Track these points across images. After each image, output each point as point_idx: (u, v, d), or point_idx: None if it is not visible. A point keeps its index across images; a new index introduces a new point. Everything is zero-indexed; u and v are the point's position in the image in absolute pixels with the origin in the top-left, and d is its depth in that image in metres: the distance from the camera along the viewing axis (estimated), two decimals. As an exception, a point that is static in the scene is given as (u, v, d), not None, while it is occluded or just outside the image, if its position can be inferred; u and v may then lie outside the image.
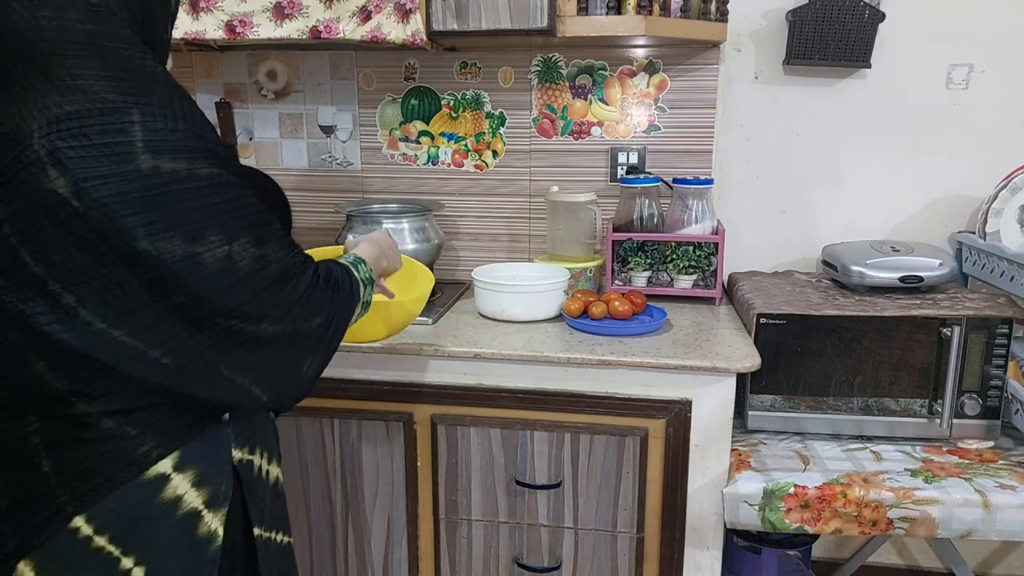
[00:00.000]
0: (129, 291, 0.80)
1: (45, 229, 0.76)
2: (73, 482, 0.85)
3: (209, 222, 0.81)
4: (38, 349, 0.80)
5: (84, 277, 0.78)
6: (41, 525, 0.85)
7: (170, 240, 0.79)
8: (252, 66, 2.01)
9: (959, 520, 1.30)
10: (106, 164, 0.76)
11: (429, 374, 1.49)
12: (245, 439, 0.97)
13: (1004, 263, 1.61)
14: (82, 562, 0.86)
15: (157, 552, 0.89)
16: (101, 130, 0.76)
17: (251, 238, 0.85)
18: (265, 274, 0.86)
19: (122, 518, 0.87)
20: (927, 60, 1.79)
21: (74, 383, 0.83)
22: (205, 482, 0.91)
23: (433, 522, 1.56)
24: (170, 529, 0.89)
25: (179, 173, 0.79)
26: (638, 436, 1.43)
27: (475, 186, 2.00)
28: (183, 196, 0.79)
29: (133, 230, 0.77)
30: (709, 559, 1.48)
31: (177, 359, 0.85)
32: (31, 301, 0.78)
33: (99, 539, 0.86)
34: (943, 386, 1.46)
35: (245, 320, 0.86)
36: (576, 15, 1.59)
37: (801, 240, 1.93)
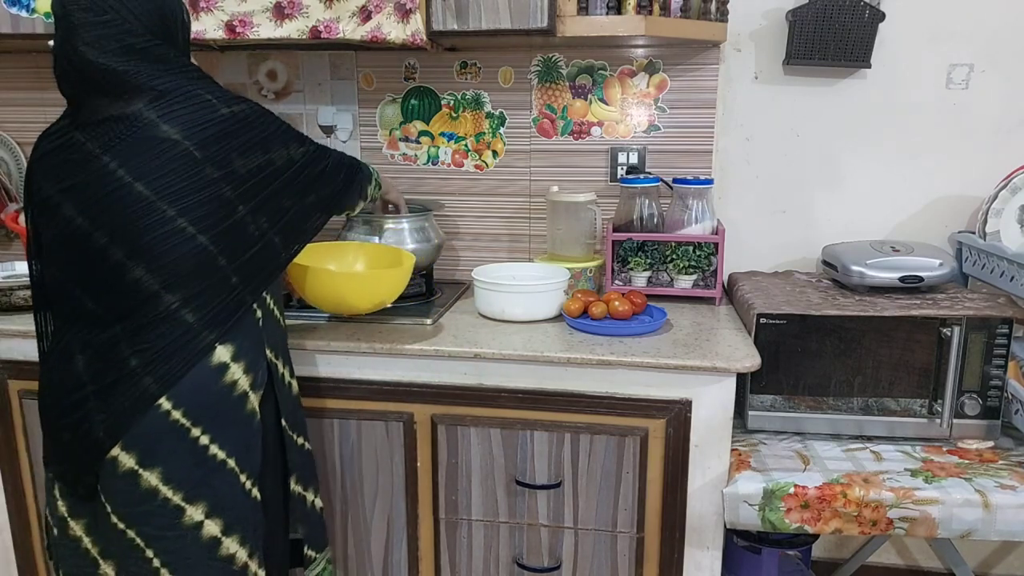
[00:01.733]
0: (221, 203, 1.12)
1: (156, 167, 1.08)
2: (158, 367, 1.12)
3: (272, 138, 1.19)
4: (138, 258, 1.10)
5: (185, 195, 1.09)
6: (130, 407, 1.12)
7: (250, 156, 1.15)
8: (252, 66, 2.01)
9: (959, 520, 1.30)
10: (202, 115, 1.12)
11: (429, 374, 1.49)
12: (272, 345, 1.26)
13: (1004, 263, 1.61)
14: (161, 434, 1.13)
15: (220, 424, 1.16)
16: (186, 98, 1.12)
17: (297, 143, 1.23)
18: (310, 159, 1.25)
19: (196, 396, 1.14)
20: (927, 60, 1.79)
21: (165, 280, 1.11)
22: (250, 369, 1.20)
23: (433, 522, 1.56)
24: (229, 406, 1.17)
25: (244, 112, 1.16)
26: (638, 436, 1.43)
27: (475, 186, 2.00)
28: (253, 125, 1.16)
29: (229, 153, 1.12)
30: (709, 559, 1.48)
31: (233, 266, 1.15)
32: (142, 218, 1.08)
33: (176, 413, 1.13)
34: (943, 386, 1.46)
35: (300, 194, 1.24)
36: (576, 15, 1.59)
37: (801, 240, 1.93)
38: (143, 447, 1.13)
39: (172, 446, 1.13)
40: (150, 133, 1.09)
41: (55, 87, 1.15)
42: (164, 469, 1.13)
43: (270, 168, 1.17)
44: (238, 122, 1.14)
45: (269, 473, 1.28)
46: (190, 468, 1.15)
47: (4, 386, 1.63)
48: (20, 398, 1.63)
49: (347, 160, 1.37)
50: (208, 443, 1.15)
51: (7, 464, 1.68)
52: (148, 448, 1.13)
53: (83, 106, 1.13)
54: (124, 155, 1.09)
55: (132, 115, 1.09)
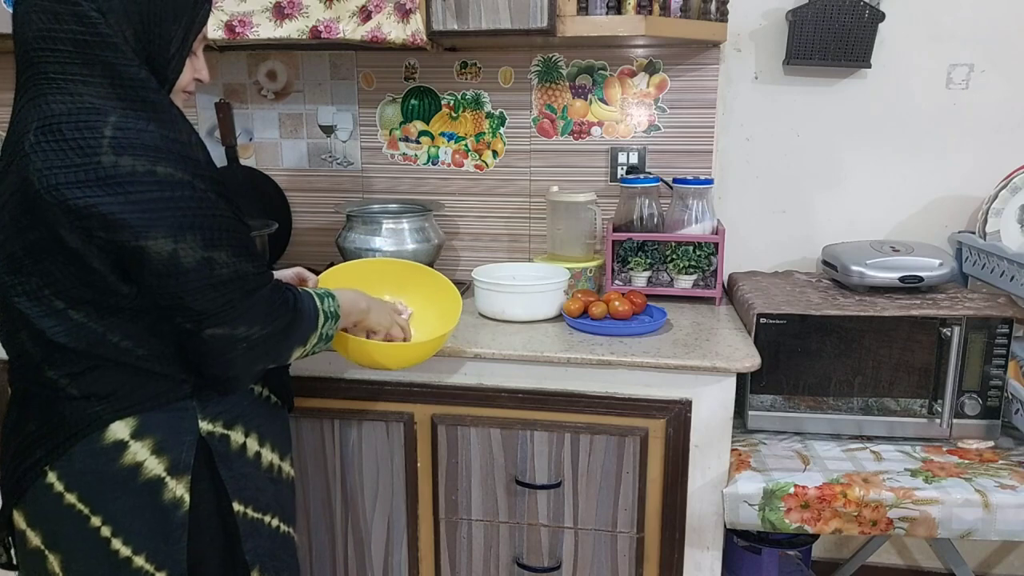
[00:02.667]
0: (83, 275, 0.91)
1: (23, 214, 0.89)
2: (46, 438, 0.96)
3: (157, 217, 0.89)
4: (17, 322, 0.95)
5: (46, 258, 0.90)
6: (24, 476, 0.98)
7: (117, 228, 0.87)
8: (252, 66, 2.01)
9: (959, 520, 1.30)
10: (70, 156, 0.86)
11: (429, 374, 1.49)
12: (216, 413, 1.04)
13: (1004, 263, 1.61)
14: (58, 517, 0.97)
15: (123, 513, 0.98)
16: (75, 127, 0.87)
17: (199, 240, 0.91)
18: (208, 275, 0.92)
19: (87, 479, 0.96)
20: (927, 60, 1.79)
21: (44, 352, 0.95)
22: (165, 450, 0.99)
23: (433, 522, 1.56)
24: (133, 493, 0.98)
25: (137, 169, 0.87)
26: (638, 436, 1.43)
27: (475, 186, 2.00)
28: (137, 191, 0.87)
29: (83, 211, 0.86)
30: (709, 559, 1.48)
31: (138, 344, 0.96)
32: (10, 276, 0.93)
33: (69, 496, 0.97)
34: (943, 386, 1.46)
35: (185, 316, 0.93)
36: (576, 15, 1.59)
37: (801, 240, 1.93)
38: (45, 527, 0.99)
39: (71, 533, 0.98)
40: (21, 170, 0.88)
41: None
42: (64, 558, 0.99)
43: (141, 260, 0.89)
44: (115, 177, 0.86)
45: (213, 568, 1.06)
46: (91, 562, 0.98)
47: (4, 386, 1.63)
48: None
49: (282, 307, 1.01)
50: (109, 536, 0.98)
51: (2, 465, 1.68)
52: (49, 530, 0.99)
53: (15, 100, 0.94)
54: (6, 191, 0.90)
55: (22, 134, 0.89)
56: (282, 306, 1.01)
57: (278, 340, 1.01)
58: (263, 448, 1.10)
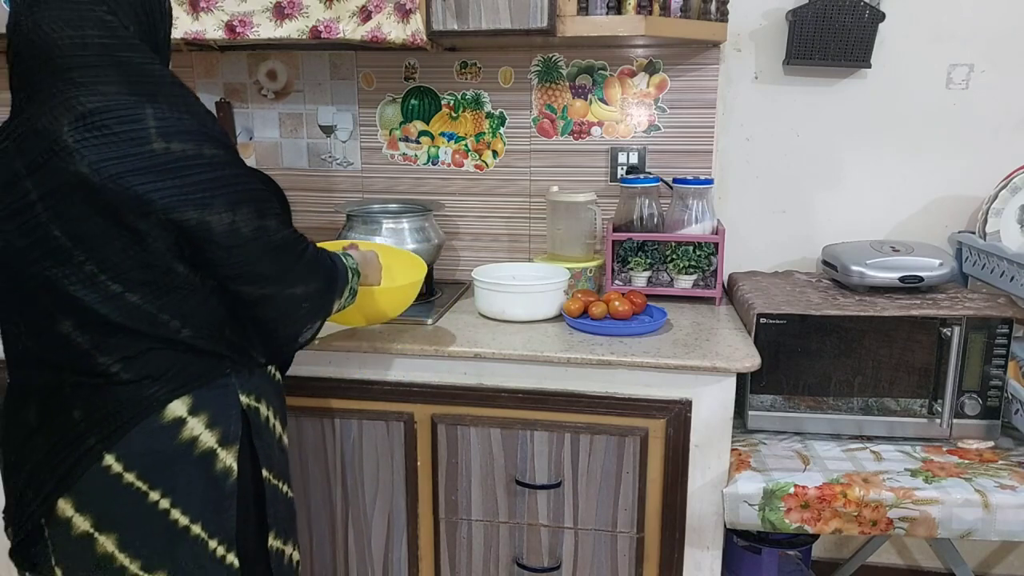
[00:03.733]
0: (143, 258, 0.96)
1: (73, 206, 0.92)
2: (99, 424, 0.99)
3: (215, 194, 0.96)
4: (65, 311, 0.97)
5: (103, 245, 0.94)
6: (75, 464, 1.00)
7: (182, 208, 0.94)
8: (252, 66, 2.01)
9: (959, 520, 1.30)
10: (123, 148, 0.92)
11: (429, 374, 1.49)
12: (250, 388, 1.11)
13: (1004, 263, 1.61)
14: (115, 497, 1.01)
15: (181, 486, 1.03)
16: (118, 121, 0.92)
17: (252, 210, 1.00)
18: (266, 242, 1.01)
19: (147, 457, 1.01)
20: (927, 60, 1.79)
21: (95, 339, 0.98)
22: (217, 423, 1.06)
23: (433, 522, 1.56)
24: (191, 466, 1.04)
25: (188, 152, 0.95)
26: (638, 436, 1.43)
27: (475, 186, 2.00)
28: (192, 171, 0.95)
29: (146, 196, 0.92)
30: (709, 559, 1.48)
31: (186, 323, 1.01)
32: (57, 267, 0.95)
33: (128, 475, 1.01)
34: (943, 386, 1.46)
35: (249, 282, 1.02)
36: (576, 15, 1.59)
37: (801, 240, 1.93)
38: (98, 510, 1.02)
39: (127, 511, 1.02)
40: (64, 164, 0.91)
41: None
42: (120, 536, 1.02)
43: (205, 234, 0.96)
44: (171, 162, 0.93)
45: (250, 532, 1.13)
46: (148, 536, 1.03)
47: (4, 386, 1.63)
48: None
49: (324, 264, 1.13)
50: (169, 507, 1.03)
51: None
52: (103, 511, 1.02)
53: (25, 106, 0.97)
54: (43, 185, 0.93)
55: (55, 134, 0.92)
56: (324, 262, 1.13)
57: (327, 294, 1.14)
58: (276, 421, 1.19)
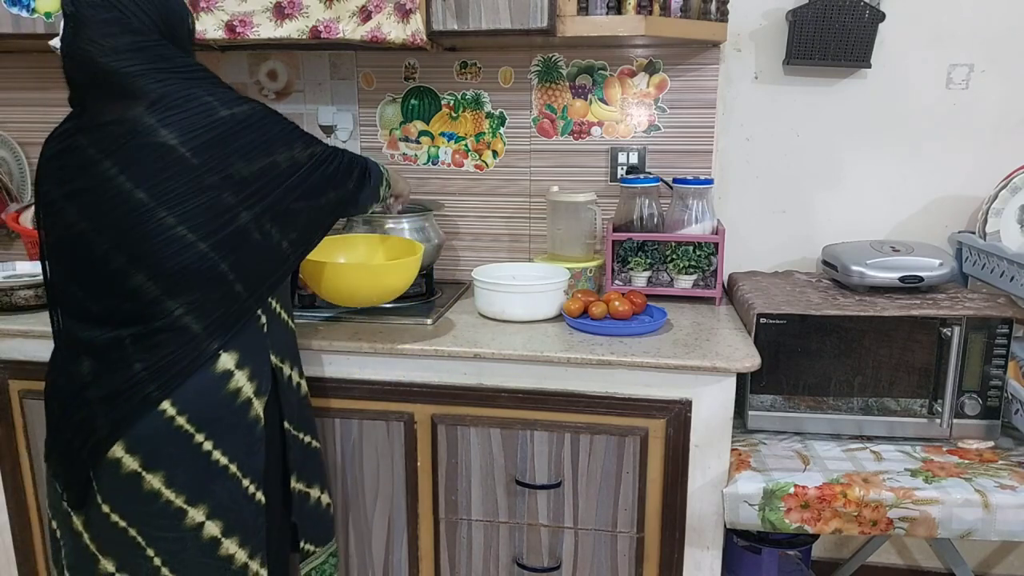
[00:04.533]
0: (218, 210, 1.11)
1: (155, 172, 1.08)
2: (159, 372, 1.13)
3: (275, 140, 1.16)
4: (140, 264, 1.10)
5: (184, 200, 1.09)
6: (133, 410, 1.13)
7: (252, 159, 1.13)
8: (252, 66, 2.01)
9: (959, 520, 1.30)
10: (200, 119, 1.11)
11: (429, 374, 1.49)
12: (277, 350, 1.26)
13: (1004, 263, 1.61)
14: (164, 438, 1.14)
15: (223, 430, 1.18)
16: (185, 100, 1.11)
17: (302, 144, 1.21)
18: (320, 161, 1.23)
19: (199, 403, 1.15)
20: (927, 60, 1.79)
21: (166, 285, 1.11)
22: (254, 376, 1.21)
23: (433, 522, 1.56)
24: (232, 413, 1.19)
25: (245, 113, 1.15)
26: (638, 436, 1.43)
27: (475, 186, 2.00)
28: (254, 127, 1.15)
29: (229, 157, 1.11)
30: (709, 559, 1.48)
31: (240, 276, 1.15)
32: (139, 225, 1.09)
33: (180, 419, 1.15)
34: (943, 386, 1.46)
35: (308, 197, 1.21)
36: (576, 15, 1.59)
37: (801, 240, 1.93)
38: (147, 450, 1.14)
39: (175, 451, 1.15)
40: (148, 139, 1.09)
41: (56, 87, 1.16)
42: (167, 473, 1.15)
43: (274, 171, 1.16)
44: (238, 124, 1.13)
45: (275, 474, 1.30)
46: (193, 473, 1.17)
47: (4, 386, 1.63)
48: (20, 398, 1.63)
49: (359, 162, 1.34)
50: (211, 448, 1.17)
51: (8, 464, 1.68)
52: (152, 452, 1.15)
53: (87, 108, 1.14)
54: (124, 160, 1.09)
55: (131, 119, 1.09)
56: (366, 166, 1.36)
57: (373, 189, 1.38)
58: (300, 379, 1.34)
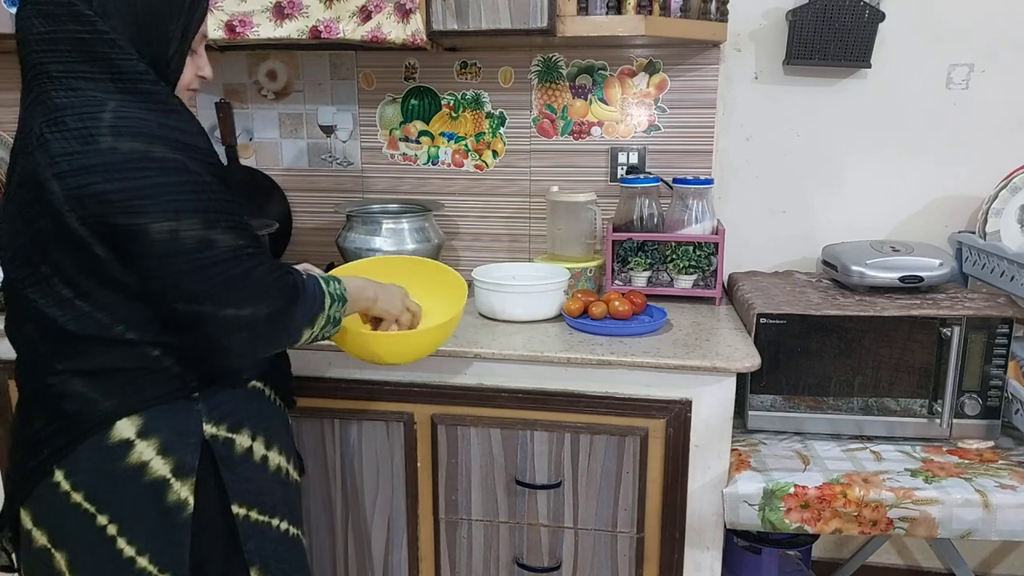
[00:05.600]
0: (89, 262, 0.92)
1: (31, 205, 0.91)
2: (53, 437, 0.97)
3: (156, 199, 0.90)
4: (28, 315, 0.96)
5: (53, 247, 0.92)
6: (31, 474, 0.98)
7: (118, 212, 0.89)
8: (252, 66, 2.01)
9: (959, 520, 1.30)
10: (72, 144, 0.89)
11: (429, 374, 1.49)
12: (222, 416, 1.04)
13: (1004, 263, 1.61)
14: (64, 515, 0.98)
15: (129, 513, 0.98)
16: (77, 118, 0.90)
17: (199, 220, 0.92)
18: (210, 255, 0.92)
19: (94, 477, 0.97)
20: (927, 60, 1.79)
21: (52, 346, 0.96)
22: (170, 451, 0.99)
23: (433, 522, 1.56)
24: (139, 493, 0.98)
25: (135, 153, 0.90)
26: (638, 436, 1.43)
27: (475, 186, 2.00)
28: (135, 174, 0.89)
29: (86, 195, 0.89)
30: (709, 559, 1.48)
31: (144, 335, 0.96)
32: (21, 268, 0.95)
33: (76, 495, 0.97)
34: (943, 386, 1.46)
35: (183, 299, 0.93)
36: (576, 15, 1.59)
37: (801, 240, 1.93)
38: (51, 526, 1.00)
39: (77, 532, 0.99)
40: (30, 162, 0.91)
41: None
42: (70, 556, 0.99)
43: (143, 240, 0.90)
44: (117, 161, 0.89)
45: (219, 568, 1.07)
46: (96, 561, 0.99)
47: (4, 386, 1.63)
48: (20, 398, 1.63)
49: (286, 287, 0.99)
50: (115, 535, 0.98)
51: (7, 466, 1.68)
52: (56, 528, 1.00)
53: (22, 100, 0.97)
54: (18, 177, 0.94)
55: (28, 130, 0.92)
56: (284, 286, 0.99)
57: (282, 320, 1.00)
58: (271, 451, 1.11)
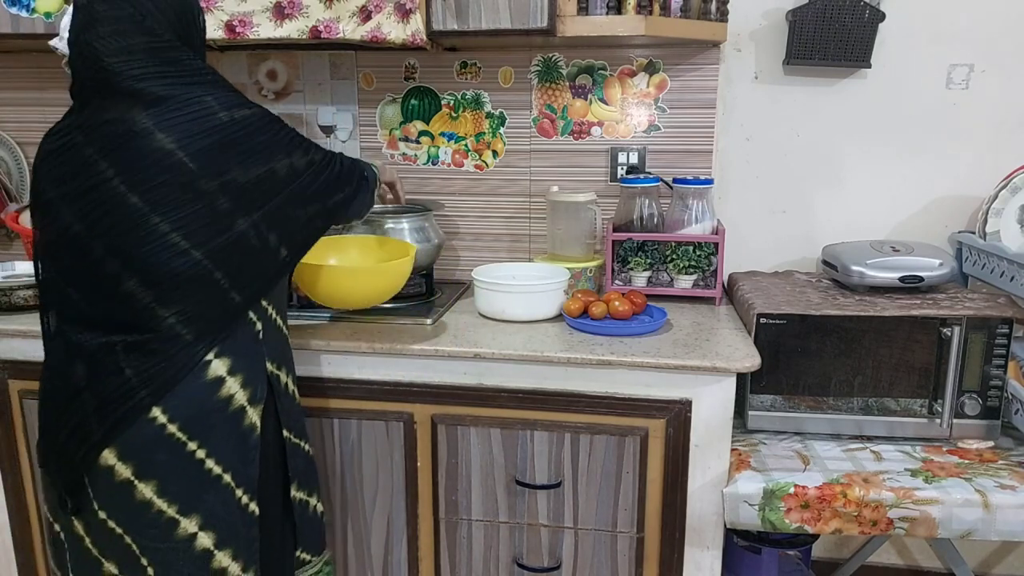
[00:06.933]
0: (211, 217, 1.09)
1: (149, 177, 1.06)
2: (150, 379, 1.11)
3: (274, 146, 1.15)
4: (133, 269, 1.08)
5: (179, 207, 1.07)
6: (124, 417, 1.11)
7: (249, 166, 1.11)
8: (252, 66, 2.01)
9: (959, 520, 1.30)
10: (199, 124, 1.08)
11: (429, 374, 1.49)
12: (273, 357, 1.24)
13: (1004, 263, 1.61)
14: (157, 446, 1.12)
15: (216, 438, 1.15)
16: (186, 104, 1.09)
17: (301, 151, 1.19)
18: (316, 169, 1.21)
19: (190, 410, 1.13)
20: (927, 60, 1.79)
21: (158, 293, 1.09)
22: (248, 384, 1.18)
23: (433, 522, 1.56)
24: (225, 421, 1.16)
25: (246, 118, 1.13)
26: (638, 436, 1.43)
27: (475, 186, 2.00)
28: (254, 132, 1.13)
29: (227, 163, 1.09)
30: (709, 559, 1.48)
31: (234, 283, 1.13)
32: (132, 231, 1.07)
33: (171, 427, 1.12)
34: (943, 386, 1.46)
35: (306, 203, 1.20)
36: (576, 15, 1.59)
37: (801, 240, 1.93)
38: (139, 459, 1.12)
39: (168, 459, 1.13)
40: (145, 142, 1.06)
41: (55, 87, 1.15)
42: (159, 482, 1.13)
43: (272, 179, 1.14)
44: (238, 129, 1.11)
45: (271, 484, 1.27)
46: (185, 482, 1.14)
47: (4, 386, 1.63)
48: (20, 398, 1.63)
49: (358, 168, 1.33)
50: (204, 457, 1.15)
51: (7, 464, 1.68)
52: (144, 460, 1.12)
53: (87, 105, 1.12)
54: (121, 163, 1.07)
55: (130, 120, 1.07)
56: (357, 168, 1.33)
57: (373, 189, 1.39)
58: (296, 387, 1.34)
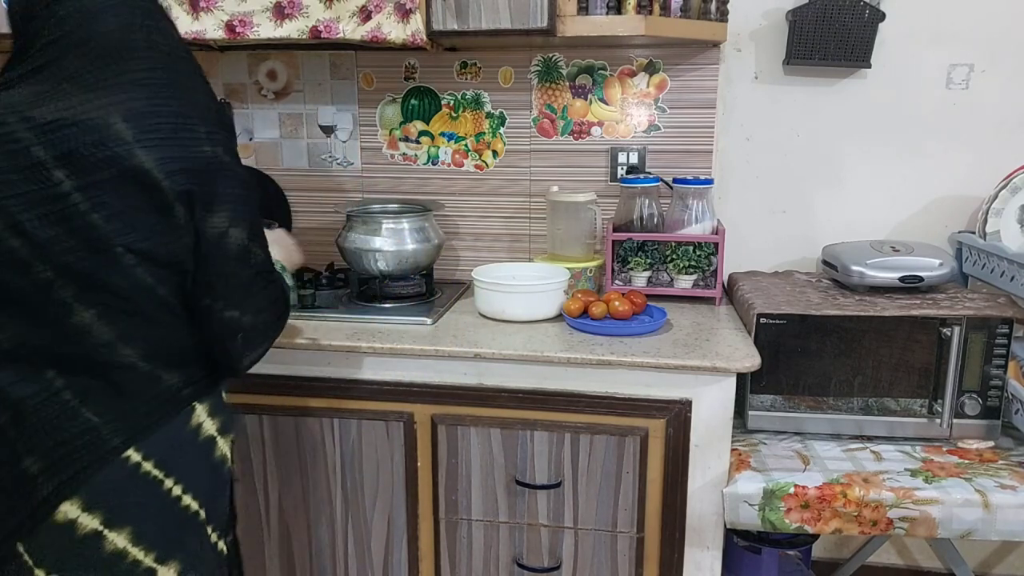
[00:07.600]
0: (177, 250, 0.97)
1: (125, 196, 0.92)
2: (120, 420, 0.98)
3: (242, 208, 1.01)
4: (88, 301, 0.95)
5: (149, 235, 0.94)
6: (90, 464, 0.97)
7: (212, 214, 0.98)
8: (252, 66, 2.01)
9: (959, 520, 1.30)
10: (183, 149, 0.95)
11: (429, 374, 1.49)
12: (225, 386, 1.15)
13: (1004, 263, 1.61)
14: (132, 487, 0.99)
15: (190, 471, 1.05)
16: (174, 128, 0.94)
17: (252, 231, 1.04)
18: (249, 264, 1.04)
19: (165, 444, 1.02)
20: (927, 60, 1.79)
21: (120, 329, 0.97)
22: (217, 413, 1.09)
23: (433, 522, 1.56)
24: (197, 451, 1.06)
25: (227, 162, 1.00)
26: (638, 436, 1.43)
27: (475, 186, 2.00)
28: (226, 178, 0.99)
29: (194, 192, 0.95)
30: (709, 559, 1.48)
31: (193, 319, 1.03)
32: (93, 255, 0.93)
33: (146, 464, 1.00)
34: (943, 386, 1.46)
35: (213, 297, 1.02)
36: (576, 15, 1.59)
37: (801, 240, 1.93)
38: (109, 505, 0.98)
39: (144, 500, 1.01)
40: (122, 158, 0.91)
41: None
42: (134, 528, 1.00)
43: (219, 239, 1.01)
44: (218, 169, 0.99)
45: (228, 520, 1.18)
46: (163, 525, 1.03)
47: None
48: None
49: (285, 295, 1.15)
50: (180, 494, 1.04)
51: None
52: (116, 505, 0.99)
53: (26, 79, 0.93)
54: (85, 176, 0.91)
55: (104, 130, 0.90)
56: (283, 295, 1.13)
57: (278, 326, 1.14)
58: None
